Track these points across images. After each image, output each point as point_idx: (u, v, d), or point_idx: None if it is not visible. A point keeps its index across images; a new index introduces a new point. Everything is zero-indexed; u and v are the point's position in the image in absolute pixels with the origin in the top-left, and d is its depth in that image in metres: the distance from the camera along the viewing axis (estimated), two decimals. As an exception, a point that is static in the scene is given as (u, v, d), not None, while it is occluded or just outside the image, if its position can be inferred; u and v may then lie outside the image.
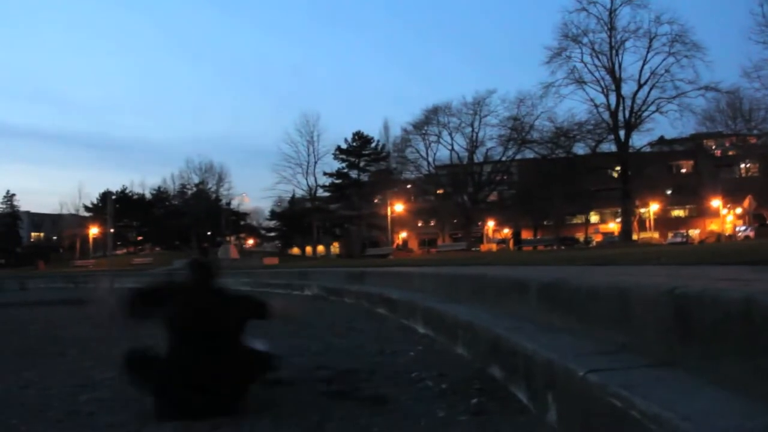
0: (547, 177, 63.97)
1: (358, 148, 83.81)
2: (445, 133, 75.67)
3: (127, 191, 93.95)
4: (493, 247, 72.17)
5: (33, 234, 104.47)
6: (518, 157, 73.13)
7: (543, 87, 61.71)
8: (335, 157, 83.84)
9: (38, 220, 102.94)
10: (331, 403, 4.30)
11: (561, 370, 3.19)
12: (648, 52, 58.84)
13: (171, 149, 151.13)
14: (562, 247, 57.69)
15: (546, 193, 63.95)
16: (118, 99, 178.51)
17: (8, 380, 5.67)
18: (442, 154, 77.13)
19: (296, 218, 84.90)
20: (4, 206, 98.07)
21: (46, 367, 6.45)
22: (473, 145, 74.80)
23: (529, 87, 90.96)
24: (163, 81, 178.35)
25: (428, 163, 77.97)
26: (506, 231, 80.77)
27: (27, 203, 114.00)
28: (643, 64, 59.20)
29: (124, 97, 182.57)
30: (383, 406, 4.12)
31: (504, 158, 73.87)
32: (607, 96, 60.78)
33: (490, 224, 79.62)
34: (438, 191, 79.19)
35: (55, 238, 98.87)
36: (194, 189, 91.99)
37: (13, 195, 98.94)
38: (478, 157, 75.28)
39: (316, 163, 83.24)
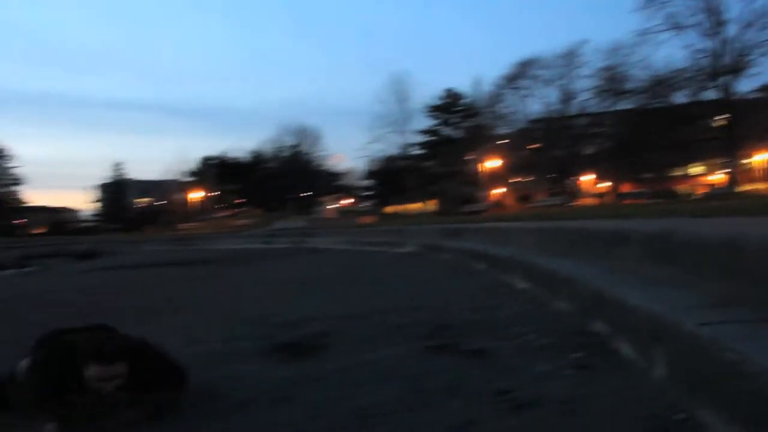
0: (644, 128, 61.56)
1: (450, 104, 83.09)
2: (537, 86, 74.01)
3: (226, 156, 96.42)
4: (591, 201, 70.47)
5: (140, 200, 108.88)
6: (614, 108, 70.60)
7: (638, 35, 59.12)
8: (427, 115, 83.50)
9: (144, 186, 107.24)
10: (431, 357, 4.32)
11: (669, 323, 3.08)
12: (754, -11, 55.34)
13: (266, 113, 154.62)
14: (663, 200, 55.71)
15: (644, 145, 61.61)
16: (214, 66, 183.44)
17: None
18: (535, 107, 75.60)
19: (391, 177, 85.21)
20: (114, 175, 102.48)
21: (160, 322, 6.76)
22: (567, 97, 72.85)
23: (622, 36, 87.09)
24: (257, 46, 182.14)
25: (521, 117, 76.58)
26: (604, 185, 78.54)
27: (133, 171, 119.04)
28: (749, 4, 55.79)
29: (220, 64, 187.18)
30: (484, 360, 4.11)
31: (599, 110, 71.55)
32: (708, 40, 57.67)
33: (587, 178, 77.65)
34: (532, 146, 77.65)
35: (160, 203, 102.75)
36: (290, 151, 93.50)
37: (121, 164, 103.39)
38: (573, 109, 73.28)
39: (408, 121, 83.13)
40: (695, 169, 75.76)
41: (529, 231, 10.32)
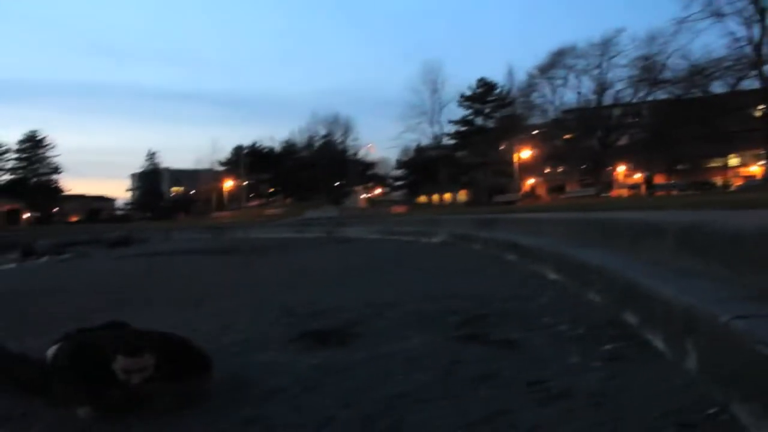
0: (681, 118, 60.48)
1: (483, 94, 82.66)
2: (571, 76, 73.15)
3: (258, 145, 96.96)
4: (624, 192, 69.71)
5: (173, 189, 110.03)
6: (650, 98, 69.45)
7: (676, 23, 58.10)
8: (460, 105, 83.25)
9: (177, 175, 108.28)
10: (461, 346, 4.33)
11: (702, 315, 3.05)
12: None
13: (298, 103, 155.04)
14: (698, 192, 54.84)
15: (680, 136, 60.55)
16: (247, 57, 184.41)
17: (162, 323, 6.04)
18: (569, 97, 74.76)
19: (423, 167, 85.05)
20: (147, 164, 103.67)
21: (192, 310, 6.85)
22: (602, 87, 71.85)
23: (660, 24, 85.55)
24: (290, 37, 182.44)
25: (555, 107, 75.83)
26: (638, 176, 77.45)
27: (167, 160, 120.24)
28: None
29: (253, 54, 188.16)
30: (514, 351, 4.10)
31: (635, 100, 70.49)
32: (749, 28, 56.42)
33: (621, 169, 76.73)
34: (566, 136, 76.85)
35: (193, 191, 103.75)
36: (321, 141, 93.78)
37: (155, 153, 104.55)
38: (607, 99, 72.32)
39: (440, 111, 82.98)
40: (732, 161, 74.40)
41: (561, 222, 10.26)
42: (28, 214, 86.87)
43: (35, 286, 11.21)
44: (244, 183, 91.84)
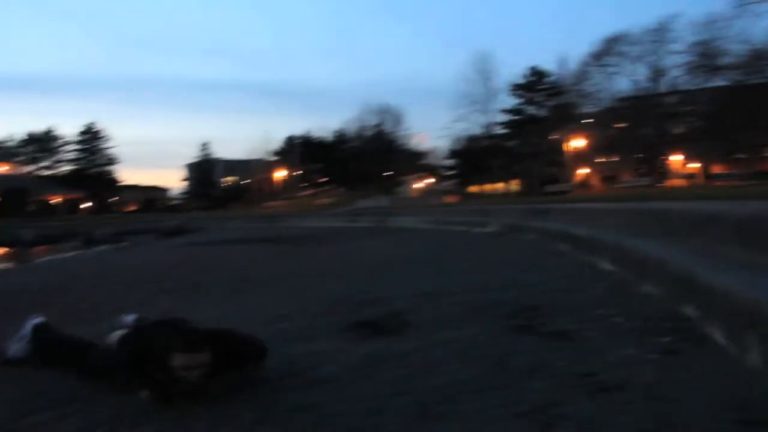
0: (740, 105, 58.65)
1: (535, 83, 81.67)
2: (626, 63, 71.57)
3: (310, 135, 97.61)
4: (680, 182, 68.19)
5: (226, 178, 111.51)
6: (708, 85, 67.53)
7: (735, 6, 56.25)
8: (511, 94, 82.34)
9: (230, 165, 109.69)
10: (513, 337, 4.29)
11: (765, 309, 2.96)
12: None
13: (349, 93, 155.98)
14: (757, 182, 53.27)
15: (739, 123, 58.76)
16: (299, 47, 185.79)
17: (216, 311, 6.13)
18: (623, 85, 73.18)
19: (474, 156, 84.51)
20: (201, 154, 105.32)
21: (246, 299, 6.93)
22: (657, 74, 70.07)
23: (718, 8, 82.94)
24: (341, 27, 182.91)
25: (608, 95, 74.31)
26: (694, 165, 75.65)
27: (220, 150, 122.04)
28: None
29: (305, 45, 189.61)
30: (568, 342, 4.05)
31: (691, 87, 68.61)
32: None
33: (677, 158, 75.03)
34: (619, 125, 75.34)
35: (245, 181, 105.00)
36: (372, 131, 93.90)
37: (208, 143, 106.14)
38: (663, 87, 70.55)
39: (492, 100, 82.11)
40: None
41: (616, 212, 10.09)
42: (87, 204, 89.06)
43: (94, 274, 11.49)
44: (296, 173, 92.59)
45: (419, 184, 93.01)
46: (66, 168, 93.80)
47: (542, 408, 2.89)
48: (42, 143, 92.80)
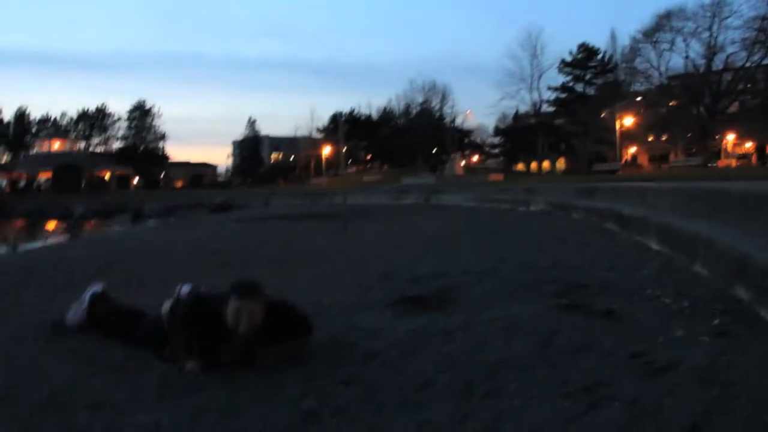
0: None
1: (584, 60, 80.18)
2: (678, 39, 69.47)
3: (355, 113, 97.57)
4: (733, 162, 66.52)
5: (272, 155, 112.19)
6: (765, 62, 65.41)
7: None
8: (559, 71, 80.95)
9: (276, 142, 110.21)
10: (561, 315, 4.26)
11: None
12: None
13: (394, 71, 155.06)
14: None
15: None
16: (342, 26, 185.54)
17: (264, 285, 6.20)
18: (676, 62, 71.20)
19: (520, 134, 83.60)
20: (248, 131, 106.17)
21: (293, 274, 7.00)
22: (711, 51, 67.86)
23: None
24: (384, 5, 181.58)
25: (660, 73, 72.45)
26: (748, 145, 73.54)
27: (266, 127, 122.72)
28: None
29: (351, 22, 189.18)
30: (616, 322, 4.00)
31: (748, 64, 66.49)
32: None
33: (730, 138, 73.08)
34: (671, 103, 73.55)
35: (291, 158, 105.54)
36: (418, 108, 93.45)
37: (255, 120, 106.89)
38: (717, 64, 68.49)
39: (539, 77, 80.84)
40: None
41: (666, 191, 9.90)
42: (137, 180, 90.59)
43: (144, 248, 11.68)
44: (342, 150, 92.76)
45: (465, 162, 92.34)
46: (117, 144, 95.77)
47: (589, 388, 2.87)
48: (94, 120, 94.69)
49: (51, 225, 35.47)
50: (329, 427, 2.57)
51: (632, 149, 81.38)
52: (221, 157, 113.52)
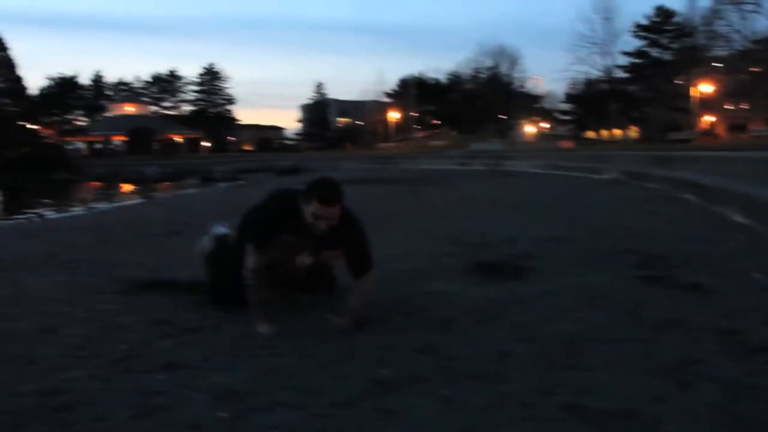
0: None
1: (660, 23, 77.48)
2: (765, 0, 66.55)
3: (424, 77, 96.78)
4: (819, 132, 63.66)
5: (340, 119, 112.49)
6: None
7: None
8: (634, 35, 78.52)
9: (344, 106, 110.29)
10: (642, 287, 4.08)
11: None
12: None
13: (463, 34, 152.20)
14: None
15: None
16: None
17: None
18: (761, 25, 68.08)
19: (592, 101, 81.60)
20: (315, 95, 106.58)
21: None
22: (803, 12, 64.84)
23: None
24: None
25: (743, 36, 69.45)
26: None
27: (334, 91, 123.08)
28: None
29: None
30: (704, 296, 3.80)
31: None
32: None
33: (817, 107, 69.82)
34: (753, 69, 70.51)
35: (359, 122, 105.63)
36: (487, 73, 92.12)
37: (322, 84, 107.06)
38: (808, 26, 65.15)
39: (613, 41, 78.55)
40: None
41: (747, 160, 9.51)
42: (207, 143, 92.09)
43: (214, 209, 11.81)
44: (410, 115, 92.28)
45: (534, 129, 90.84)
46: (187, 108, 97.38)
47: (678, 365, 2.70)
48: (165, 84, 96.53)
49: (126, 187, 36.31)
50: (406, 396, 2.49)
51: (709, 117, 78.63)
52: (289, 121, 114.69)
